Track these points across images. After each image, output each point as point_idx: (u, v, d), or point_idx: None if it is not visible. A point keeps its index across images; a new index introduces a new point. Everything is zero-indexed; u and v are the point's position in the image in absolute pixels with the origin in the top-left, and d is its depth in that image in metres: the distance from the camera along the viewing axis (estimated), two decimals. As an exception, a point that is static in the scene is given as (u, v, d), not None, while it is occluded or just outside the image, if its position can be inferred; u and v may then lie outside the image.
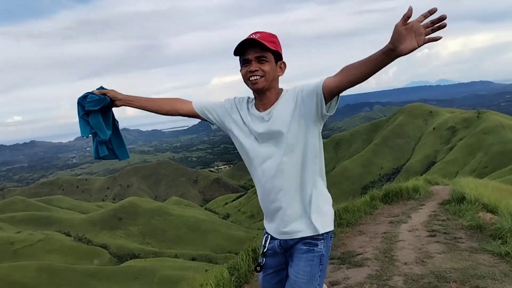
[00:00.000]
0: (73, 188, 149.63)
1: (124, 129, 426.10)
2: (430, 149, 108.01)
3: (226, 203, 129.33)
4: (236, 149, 1.99)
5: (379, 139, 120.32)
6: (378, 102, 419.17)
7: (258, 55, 1.80)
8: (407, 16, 1.45)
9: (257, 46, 1.79)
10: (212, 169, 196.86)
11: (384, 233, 5.18)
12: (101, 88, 2.00)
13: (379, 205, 7.20)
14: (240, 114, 1.94)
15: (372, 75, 1.62)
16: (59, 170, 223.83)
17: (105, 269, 52.04)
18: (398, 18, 1.46)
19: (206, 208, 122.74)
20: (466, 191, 6.55)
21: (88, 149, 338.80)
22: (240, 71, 1.88)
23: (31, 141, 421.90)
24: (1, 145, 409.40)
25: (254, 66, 1.80)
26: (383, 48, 1.54)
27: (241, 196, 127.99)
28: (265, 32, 1.83)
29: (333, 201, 1.96)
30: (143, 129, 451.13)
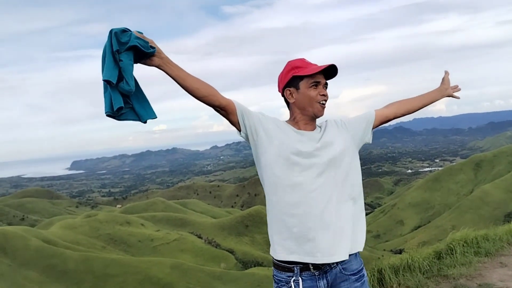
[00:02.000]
0: (206, 193, 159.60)
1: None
2: None
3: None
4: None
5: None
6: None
7: (325, 81, 1.89)
8: (448, 74, 2.20)
9: (327, 72, 1.88)
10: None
11: (531, 268, 4.58)
12: (140, 32, 1.65)
13: (526, 236, 6.40)
14: (280, 129, 1.85)
15: (421, 108, 2.11)
16: (195, 176, 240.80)
17: (230, 273, 54.27)
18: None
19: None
20: None
21: (221, 157, 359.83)
22: (290, 90, 1.90)
23: (173, 148, 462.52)
24: (148, 150, 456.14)
25: (325, 91, 1.88)
26: (437, 88, 2.18)
27: (366, 214, 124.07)
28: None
29: (470, 227, 1.86)
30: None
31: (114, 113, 1.63)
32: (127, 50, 1.61)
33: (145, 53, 1.64)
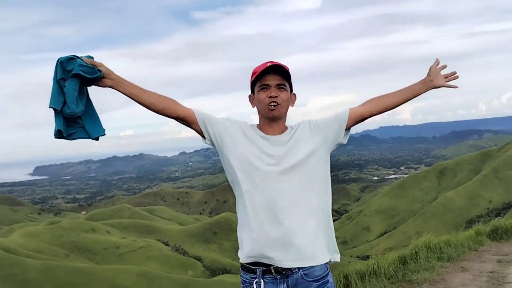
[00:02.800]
0: (174, 200, 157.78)
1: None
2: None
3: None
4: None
5: (489, 170, 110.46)
6: (489, 130, 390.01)
7: (279, 82, 1.84)
8: (437, 63, 2.02)
9: (278, 73, 1.83)
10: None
11: (491, 272, 4.74)
12: (90, 57, 1.76)
13: (485, 241, 6.61)
14: (245, 134, 1.86)
15: (404, 103, 1.99)
16: (162, 182, 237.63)
17: (198, 281, 53.70)
18: (510, 41, 1.54)
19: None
20: None
21: (190, 164, 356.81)
22: (252, 96, 1.93)
23: (140, 153, 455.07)
24: (114, 156, 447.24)
25: (275, 92, 1.82)
26: (421, 80, 2.01)
27: (334, 221, 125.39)
28: (282, 64, 1.84)
29: (434, 233, 1.87)
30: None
31: (57, 135, 1.75)
32: (72, 77, 1.70)
33: (93, 78, 1.73)
